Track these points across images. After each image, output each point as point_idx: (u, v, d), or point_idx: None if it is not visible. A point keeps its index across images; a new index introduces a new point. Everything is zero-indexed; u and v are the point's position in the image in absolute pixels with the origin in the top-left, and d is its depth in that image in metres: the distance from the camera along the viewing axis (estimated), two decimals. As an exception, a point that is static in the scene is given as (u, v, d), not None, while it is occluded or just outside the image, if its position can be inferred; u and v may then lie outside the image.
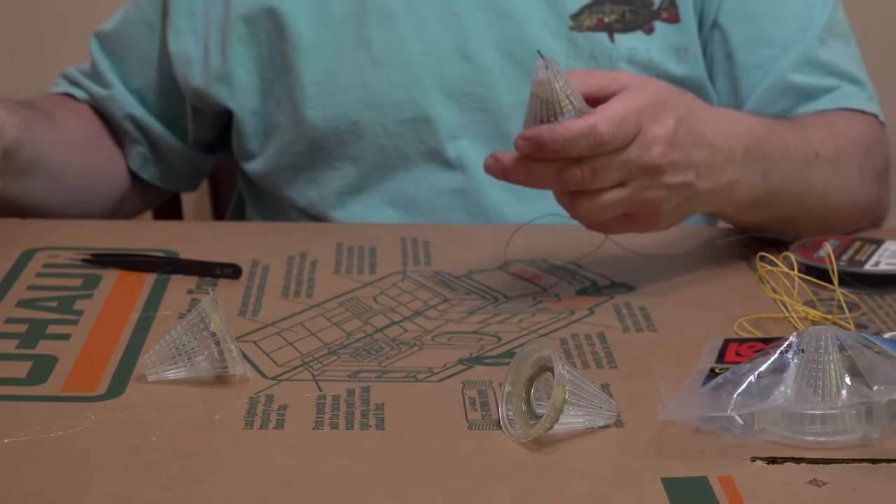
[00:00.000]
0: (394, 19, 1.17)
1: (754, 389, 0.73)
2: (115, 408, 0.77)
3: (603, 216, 0.89)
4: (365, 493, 0.67)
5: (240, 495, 0.67)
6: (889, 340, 0.79)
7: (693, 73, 1.19)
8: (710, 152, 0.91)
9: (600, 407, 0.75)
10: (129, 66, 1.24)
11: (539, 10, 1.17)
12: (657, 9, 1.18)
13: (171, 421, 0.76)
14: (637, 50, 1.17)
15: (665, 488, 0.67)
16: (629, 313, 0.93)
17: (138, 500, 0.67)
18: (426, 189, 1.18)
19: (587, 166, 0.84)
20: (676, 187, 0.90)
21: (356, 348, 0.86)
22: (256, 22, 1.19)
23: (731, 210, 1.01)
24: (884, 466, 0.70)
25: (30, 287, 0.97)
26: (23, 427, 0.74)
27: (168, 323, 0.87)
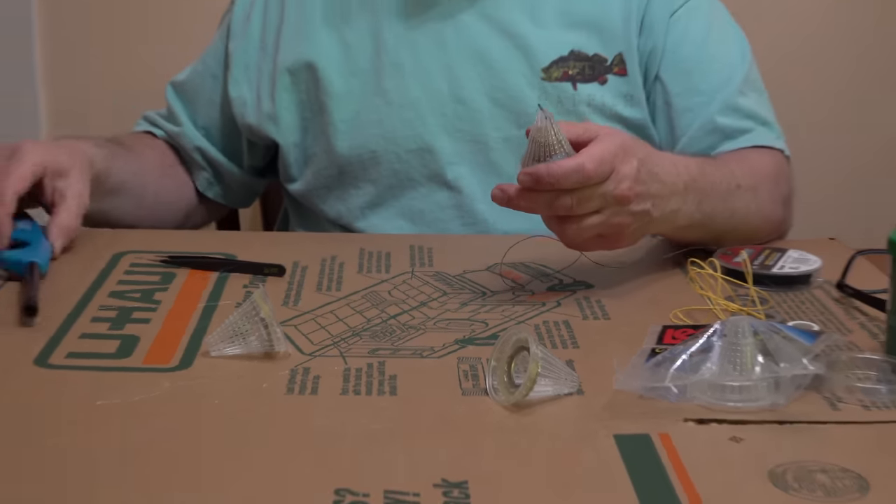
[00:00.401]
0: (403, 71, 1.17)
1: (686, 365, 0.74)
2: (185, 377, 0.77)
3: (583, 237, 0.88)
4: (381, 446, 0.68)
5: (284, 449, 0.67)
6: (792, 327, 0.79)
7: (638, 116, 1.18)
8: (662, 186, 0.91)
9: (565, 378, 0.75)
10: (198, 108, 1.23)
11: (517, 64, 1.16)
12: (609, 65, 1.17)
13: (228, 388, 0.76)
14: (594, 96, 1.16)
15: (616, 443, 0.67)
16: (588, 305, 0.92)
17: (203, 451, 0.68)
18: (430, 204, 1.17)
19: (574, 196, 0.84)
20: (638, 214, 0.89)
21: (374, 331, 0.85)
22: (298, 73, 1.19)
23: (673, 232, 1.00)
24: (788, 427, 0.70)
25: (119, 282, 0.96)
26: (112, 392, 0.75)
27: (227, 311, 0.86)
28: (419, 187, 1.18)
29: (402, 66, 1.17)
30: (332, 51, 1.18)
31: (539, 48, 1.17)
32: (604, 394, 0.73)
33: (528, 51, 1.17)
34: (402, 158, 1.17)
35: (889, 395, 0.74)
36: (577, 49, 1.17)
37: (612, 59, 1.17)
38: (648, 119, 1.18)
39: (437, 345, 0.82)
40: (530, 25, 1.17)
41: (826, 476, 0.63)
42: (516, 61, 1.17)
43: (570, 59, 1.17)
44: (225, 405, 0.73)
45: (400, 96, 1.17)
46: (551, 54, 1.17)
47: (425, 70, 1.17)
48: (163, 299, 0.91)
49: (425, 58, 1.17)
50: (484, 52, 1.17)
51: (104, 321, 0.86)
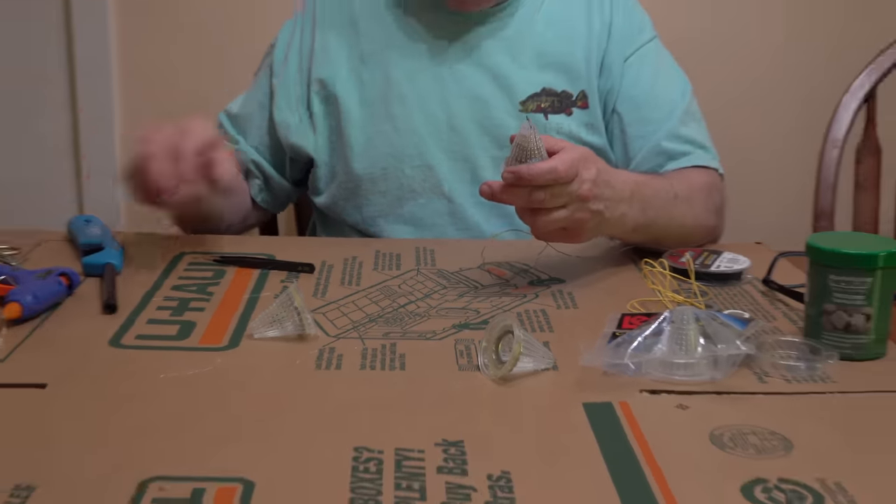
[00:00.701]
0: (407, 101, 1.16)
1: (641, 346, 0.74)
2: (233, 356, 0.77)
3: (550, 228, 0.87)
4: (392, 412, 0.68)
5: (313, 414, 0.67)
6: (727, 315, 0.80)
7: (598, 141, 1.18)
8: (613, 192, 0.91)
9: (543, 357, 0.75)
10: (250, 131, 1.21)
11: (500, 98, 1.16)
12: (574, 99, 1.17)
13: (267, 364, 0.76)
14: (562, 125, 1.16)
15: (585, 410, 0.67)
16: (561, 297, 0.91)
17: (246, 415, 0.68)
18: (429, 212, 1.17)
19: (547, 192, 0.84)
20: (594, 213, 0.89)
21: (387, 318, 0.85)
22: (326, 104, 1.18)
23: (622, 233, 1.00)
24: (725, 396, 0.70)
25: (179, 278, 0.95)
26: (173, 367, 0.75)
27: (267, 301, 0.86)
28: (420, 198, 1.17)
29: (406, 98, 1.16)
30: (350, 86, 1.17)
31: (518, 86, 1.16)
32: (574, 369, 0.73)
33: (509, 88, 1.16)
34: (406, 174, 1.16)
35: (807, 370, 0.73)
36: (548, 87, 1.17)
37: (576, 94, 1.17)
38: (607, 144, 1.18)
39: (438, 329, 0.82)
40: (512, 67, 1.16)
41: (756, 437, 0.63)
42: (499, 97, 1.16)
43: (543, 95, 1.17)
44: (265, 378, 0.73)
45: (405, 123, 1.16)
46: (528, 91, 1.16)
47: (426, 102, 1.16)
48: (215, 292, 0.90)
49: (426, 93, 1.17)
50: (474, 89, 1.16)
51: (167, 309, 0.86)
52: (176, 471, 0.57)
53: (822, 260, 0.76)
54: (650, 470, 0.58)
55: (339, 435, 0.62)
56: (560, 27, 1.18)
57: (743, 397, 0.69)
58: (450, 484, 0.56)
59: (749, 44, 1.88)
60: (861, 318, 0.76)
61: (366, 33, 1.18)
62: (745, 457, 0.60)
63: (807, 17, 1.88)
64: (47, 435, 0.62)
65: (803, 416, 0.67)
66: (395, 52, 1.17)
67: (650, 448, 0.61)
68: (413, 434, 0.62)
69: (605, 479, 0.57)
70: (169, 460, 0.58)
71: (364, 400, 0.68)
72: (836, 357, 0.75)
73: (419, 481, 0.56)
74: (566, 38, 1.17)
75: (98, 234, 0.99)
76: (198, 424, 0.64)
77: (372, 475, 0.57)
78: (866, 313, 0.75)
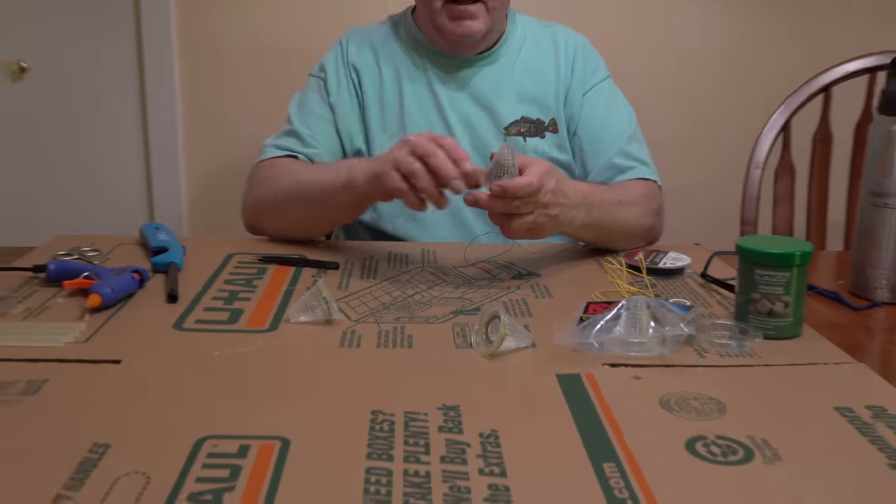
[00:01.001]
0: (419, 129, 1.15)
1: (603, 328, 0.73)
2: (273, 337, 0.76)
3: (520, 230, 0.88)
4: (402, 382, 0.67)
5: (337, 383, 0.66)
6: (672, 303, 0.80)
7: (565, 158, 1.18)
8: (567, 200, 0.92)
9: (524, 337, 0.75)
10: (321, 141, 1.15)
11: (488, 125, 1.17)
12: (546, 125, 1.18)
13: (301, 344, 0.75)
14: (538, 146, 1.17)
15: (558, 380, 0.67)
16: (538, 288, 0.90)
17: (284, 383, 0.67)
18: (432, 213, 1.13)
19: (521, 201, 0.84)
20: (552, 217, 0.89)
21: (398, 305, 0.84)
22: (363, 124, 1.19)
23: (572, 231, 0.99)
24: (671, 369, 0.70)
25: (230, 273, 0.94)
26: (224, 346, 0.74)
27: (301, 293, 0.85)
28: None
29: (418, 125, 1.16)
30: (376, 114, 1.17)
31: (502, 115, 1.17)
32: (549, 347, 0.72)
33: (495, 117, 1.17)
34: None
35: (737, 347, 0.73)
36: (525, 115, 1.17)
37: (548, 121, 1.18)
38: (572, 161, 1.19)
39: (439, 315, 0.81)
40: (496, 100, 1.17)
41: (697, 402, 0.62)
42: (488, 123, 1.17)
43: (521, 122, 1.17)
44: (299, 354, 0.72)
45: None
46: (510, 118, 1.17)
47: (433, 127, 1.17)
48: (258, 285, 0.89)
49: (433, 120, 1.17)
50: (469, 118, 1.17)
51: (220, 299, 0.85)
52: (226, 430, 0.56)
53: (749, 258, 0.76)
54: (611, 429, 0.58)
55: (359, 401, 0.61)
56: (534, 71, 1.19)
57: (686, 369, 0.68)
58: (449, 440, 0.56)
59: (694, 90, 1.92)
60: (781, 304, 0.75)
61: (386, 68, 1.19)
62: (687, 418, 0.60)
63: (739, 72, 1.93)
64: (120, 402, 0.62)
65: (735, 384, 0.66)
66: (407, 84, 1.18)
67: (611, 411, 0.60)
68: (418, 400, 0.61)
69: (575, 436, 0.57)
70: (220, 422, 0.58)
71: (379, 372, 0.67)
72: (761, 336, 0.74)
73: (424, 438, 0.56)
74: (538, 79, 1.19)
75: (165, 239, 0.99)
76: (244, 392, 0.63)
77: (385, 433, 0.56)
78: (785, 301, 0.75)
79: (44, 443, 0.55)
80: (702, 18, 1.91)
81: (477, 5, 1.11)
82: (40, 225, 2.01)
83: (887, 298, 0.89)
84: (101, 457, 0.53)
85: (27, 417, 0.59)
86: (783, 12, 1.91)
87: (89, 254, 0.98)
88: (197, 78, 1.92)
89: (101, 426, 0.57)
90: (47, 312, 0.80)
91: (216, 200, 1.98)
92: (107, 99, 1.96)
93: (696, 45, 1.91)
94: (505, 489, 0.50)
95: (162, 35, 1.89)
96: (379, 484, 0.50)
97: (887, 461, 0.54)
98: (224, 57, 1.90)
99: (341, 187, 0.97)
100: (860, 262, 0.91)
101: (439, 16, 1.12)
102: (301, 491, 0.50)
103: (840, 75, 1.37)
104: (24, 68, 1.95)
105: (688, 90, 1.92)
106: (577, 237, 1.03)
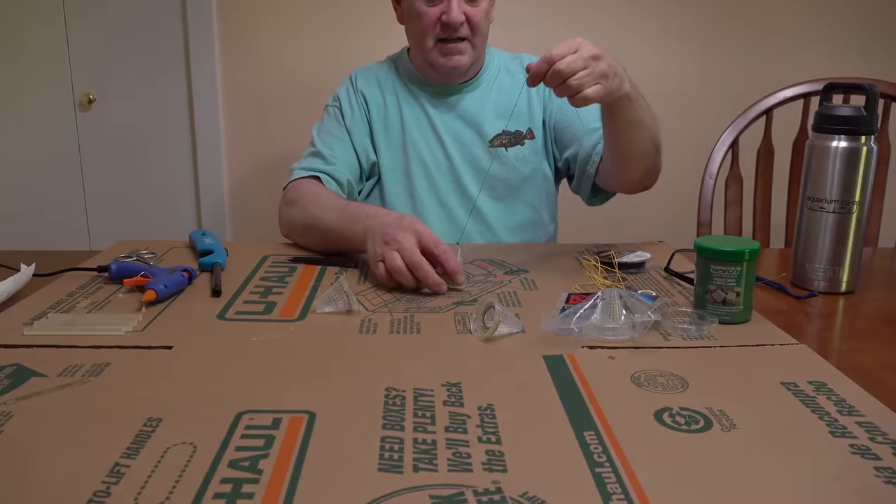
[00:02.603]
0: (419, 145, 1.16)
1: (582, 316, 0.72)
2: (302, 325, 0.75)
3: (588, 85, 0.81)
4: (411, 362, 0.65)
5: (356, 364, 0.65)
6: (641, 294, 0.78)
7: (541, 162, 1.19)
8: (611, 61, 0.85)
9: (515, 323, 0.73)
10: (339, 160, 1.14)
11: (475, 139, 1.17)
12: (524, 135, 1.17)
13: (326, 331, 0.74)
14: (518, 153, 1.17)
15: (544, 360, 0.65)
16: (527, 282, 0.89)
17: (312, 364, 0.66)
18: (432, 216, 1.17)
19: (565, 62, 0.80)
20: (609, 67, 0.83)
21: (408, 297, 0.82)
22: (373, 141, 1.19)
23: (621, 103, 0.90)
24: (640, 350, 0.69)
25: (265, 272, 0.93)
26: (261, 332, 0.73)
27: (325, 287, 0.84)
28: (425, 203, 1.17)
29: (416, 142, 1.16)
30: (382, 133, 1.17)
31: (486, 129, 1.17)
32: (536, 332, 0.71)
33: (480, 132, 1.17)
34: (418, 189, 1.17)
35: (697, 332, 0.71)
36: (506, 129, 1.17)
37: (525, 131, 1.18)
38: (548, 167, 1.19)
39: (443, 305, 0.80)
40: (480, 118, 1.17)
41: (663, 378, 0.61)
42: (474, 138, 1.17)
43: (503, 135, 1.17)
44: (324, 340, 0.71)
45: (416, 157, 1.16)
46: (493, 132, 1.17)
47: (429, 144, 1.16)
48: (290, 281, 0.88)
49: (428, 137, 1.17)
50: (458, 134, 1.17)
51: (256, 293, 0.84)
52: (261, 405, 0.56)
53: (705, 255, 0.75)
54: (590, 402, 0.57)
55: (375, 379, 0.60)
56: (507, 91, 1.19)
57: (653, 350, 0.67)
58: (452, 413, 0.55)
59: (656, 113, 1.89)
60: (733, 294, 0.74)
61: (388, 96, 1.18)
62: (655, 392, 0.59)
63: (693, 99, 1.91)
64: (171, 382, 0.61)
65: (695, 363, 0.65)
66: (406, 108, 1.17)
67: (590, 386, 0.59)
68: (426, 377, 0.60)
69: (559, 408, 0.56)
70: (256, 398, 0.57)
71: (392, 354, 0.66)
72: (717, 322, 0.73)
73: (430, 411, 0.55)
74: (512, 97, 1.19)
75: (210, 243, 0.98)
76: (277, 372, 0.62)
77: (398, 407, 0.55)
78: (737, 291, 0.74)
79: (106, 417, 0.54)
80: (659, 60, 1.90)
81: (463, 43, 1.12)
82: (106, 232, 2.01)
83: (823, 288, 0.87)
84: (155, 429, 0.52)
85: (92, 395, 0.58)
86: (729, 51, 1.91)
87: (146, 255, 0.97)
88: (239, 106, 1.92)
89: (155, 403, 0.56)
90: (109, 306, 0.79)
91: (254, 211, 1.98)
92: (160, 125, 1.95)
93: (657, 81, 1.90)
94: (500, 454, 0.49)
95: (208, 69, 1.88)
96: (392, 450, 0.49)
97: (828, 429, 0.53)
98: (262, 90, 1.90)
99: (349, 240, 0.93)
100: (800, 257, 0.89)
101: (431, 52, 1.12)
102: (325, 457, 0.49)
103: (779, 100, 1.36)
104: (91, 100, 1.94)
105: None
106: (619, 120, 0.93)
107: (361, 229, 0.90)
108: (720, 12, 1.89)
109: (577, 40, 0.82)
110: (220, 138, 1.93)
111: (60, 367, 0.62)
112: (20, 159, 1.97)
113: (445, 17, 1.09)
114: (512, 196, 1.18)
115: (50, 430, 0.52)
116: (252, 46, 1.87)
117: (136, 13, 1.88)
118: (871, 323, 0.78)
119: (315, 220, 0.99)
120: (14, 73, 1.91)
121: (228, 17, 1.86)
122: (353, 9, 1.86)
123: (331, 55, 1.86)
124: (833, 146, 0.85)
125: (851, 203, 0.85)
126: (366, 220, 0.90)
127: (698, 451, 0.50)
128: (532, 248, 1.05)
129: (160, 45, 1.90)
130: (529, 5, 1.80)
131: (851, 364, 0.65)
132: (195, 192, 2.00)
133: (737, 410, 0.56)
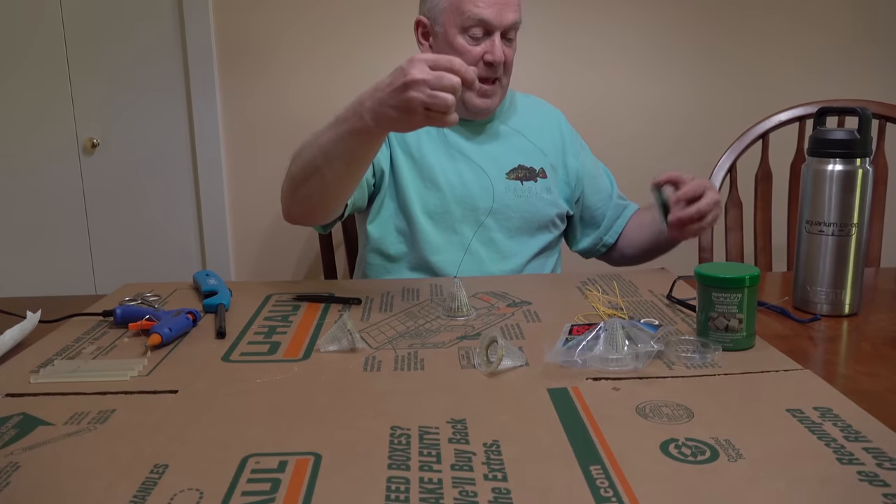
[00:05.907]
0: (439, 179, 1.17)
1: (586, 347, 0.72)
2: (306, 365, 0.75)
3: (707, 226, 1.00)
4: (416, 399, 0.65)
5: (361, 402, 0.65)
6: (643, 323, 0.78)
7: (552, 200, 1.22)
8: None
9: (518, 357, 0.73)
10: None
11: (494, 170, 1.19)
12: (537, 172, 1.21)
13: (330, 370, 0.74)
14: (531, 188, 1.20)
15: (548, 393, 0.65)
16: (529, 315, 0.89)
17: (316, 403, 0.65)
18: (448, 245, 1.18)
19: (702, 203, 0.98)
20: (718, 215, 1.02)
21: (411, 333, 0.83)
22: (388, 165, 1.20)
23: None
24: (644, 380, 0.68)
25: (269, 311, 0.94)
26: (265, 374, 0.73)
27: (329, 325, 0.85)
28: (442, 234, 1.17)
29: (435, 171, 1.17)
30: (405, 162, 1.17)
31: (504, 163, 1.20)
32: (540, 365, 0.71)
33: (499, 165, 1.19)
34: (437, 216, 1.17)
35: (700, 360, 0.72)
36: (521, 164, 1.20)
37: (538, 169, 1.21)
38: (564, 204, 1.23)
39: (446, 340, 0.80)
40: (497, 152, 1.20)
41: (668, 409, 0.61)
42: (494, 170, 1.19)
43: (518, 169, 1.20)
44: (328, 378, 0.71)
45: (434, 186, 1.16)
46: (509, 166, 1.20)
47: (447, 176, 1.17)
48: (293, 320, 0.89)
49: (448, 169, 1.18)
50: (478, 166, 1.19)
51: (260, 333, 0.84)
52: (267, 448, 0.56)
53: (706, 282, 0.75)
54: (595, 434, 0.57)
55: (380, 418, 0.60)
56: (527, 130, 1.24)
57: (657, 380, 0.67)
58: (457, 450, 0.55)
59: (657, 141, 1.94)
60: (735, 321, 0.74)
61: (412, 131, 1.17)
62: (660, 423, 0.59)
63: (693, 126, 1.93)
64: (177, 426, 0.61)
65: (700, 392, 0.65)
66: (428, 144, 1.18)
67: (594, 418, 0.59)
68: (431, 415, 0.61)
69: (565, 442, 0.56)
70: (262, 440, 0.57)
71: (396, 392, 0.66)
72: (720, 349, 0.74)
73: (436, 449, 0.55)
74: (525, 137, 1.23)
75: (214, 283, 0.99)
76: (282, 414, 0.62)
77: (403, 446, 0.55)
78: (739, 318, 0.74)
79: (112, 464, 0.54)
80: (661, 89, 1.93)
81: (496, 84, 1.15)
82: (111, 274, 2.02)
83: (826, 311, 0.88)
84: (161, 475, 0.52)
85: (98, 443, 0.58)
86: (728, 77, 1.93)
87: (150, 298, 0.98)
88: (240, 148, 1.94)
89: (161, 448, 0.56)
90: (115, 350, 0.79)
91: (256, 251, 1.99)
92: (162, 168, 1.98)
93: (659, 107, 1.93)
94: (507, 492, 0.49)
95: (209, 111, 1.91)
96: (398, 491, 0.49)
97: (835, 455, 0.53)
98: (264, 130, 1.92)
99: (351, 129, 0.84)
100: (801, 281, 0.90)
101: (468, 92, 1.12)
102: (332, 500, 0.49)
103: (775, 123, 1.37)
104: (95, 144, 1.98)
105: (652, 140, 1.94)
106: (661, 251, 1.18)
107: (356, 103, 0.82)
108: (717, 37, 1.92)
109: (708, 184, 0.96)
110: (222, 178, 1.95)
111: (67, 414, 0.63)
112: (25, 205, 2.00)
113: (490, 56, 1.10)
114: (524, 228, 1.20)
115: (56, 481, 0.52)
116: (252, 87, 1.91)
117: (137, 57, 1.92)
118: (876, 345, 0.78)
119: (309, 150, 0.92)
120: (19, 119, 1.95)
121: (229, 58, 1.89)
122: (347, 44, 1.89)
123: (330, 92, 1.89)
124: (829, 170, 0.86)
125: (850, 225, 0.86)
126: (357, 99, 0.83)
127: (705, 483, 0.50)
128: (534, 278, 1.05)
129: (162, 88, 1.94)
130: (533, 37, 1.84)
131: (857, 388, 0.65)
132: (199, 232, 2.01)
133: (743, 439, 0.56)
